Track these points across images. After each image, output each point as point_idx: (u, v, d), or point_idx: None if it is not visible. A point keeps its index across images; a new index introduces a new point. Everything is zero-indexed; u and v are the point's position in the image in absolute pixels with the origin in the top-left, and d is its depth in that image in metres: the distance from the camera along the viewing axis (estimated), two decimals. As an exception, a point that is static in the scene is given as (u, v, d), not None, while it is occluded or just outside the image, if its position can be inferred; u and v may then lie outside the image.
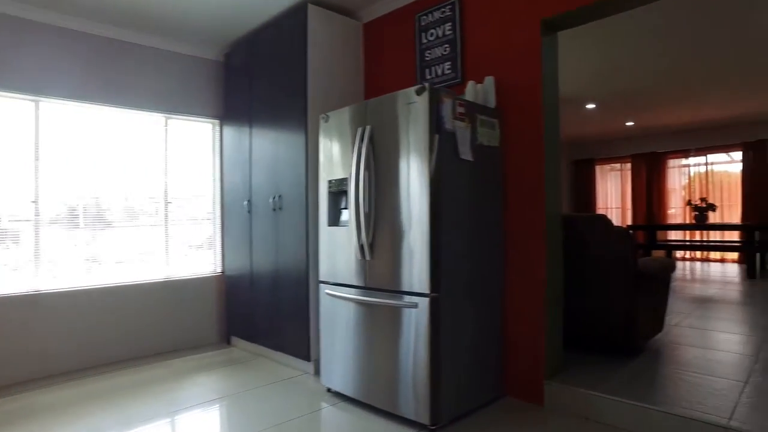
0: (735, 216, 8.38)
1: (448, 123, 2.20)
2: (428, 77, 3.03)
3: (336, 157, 2.69)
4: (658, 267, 2.99)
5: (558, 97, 2.78)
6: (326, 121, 2.76)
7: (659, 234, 8.68)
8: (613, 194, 9.86)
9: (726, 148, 8.42)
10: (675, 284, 6.21)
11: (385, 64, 3.38)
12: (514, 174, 2.66)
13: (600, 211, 9.95)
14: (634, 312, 2.83)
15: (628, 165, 9.53)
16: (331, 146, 2.73)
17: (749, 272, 6.44)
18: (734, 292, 5.43)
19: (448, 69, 2.92)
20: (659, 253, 7.77)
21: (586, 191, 10.01)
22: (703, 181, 8.71)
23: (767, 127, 8.06)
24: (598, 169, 9.98)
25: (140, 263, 3.73)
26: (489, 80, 2.57)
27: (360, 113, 2.53)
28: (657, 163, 9.08)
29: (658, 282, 3.13)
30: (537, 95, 2.55)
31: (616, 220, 9.72)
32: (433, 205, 2.16)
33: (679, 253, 8.98)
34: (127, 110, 3.63)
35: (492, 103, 2.56)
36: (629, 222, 9.48)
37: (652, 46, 4.73)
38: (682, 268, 7.81)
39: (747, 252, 6.47)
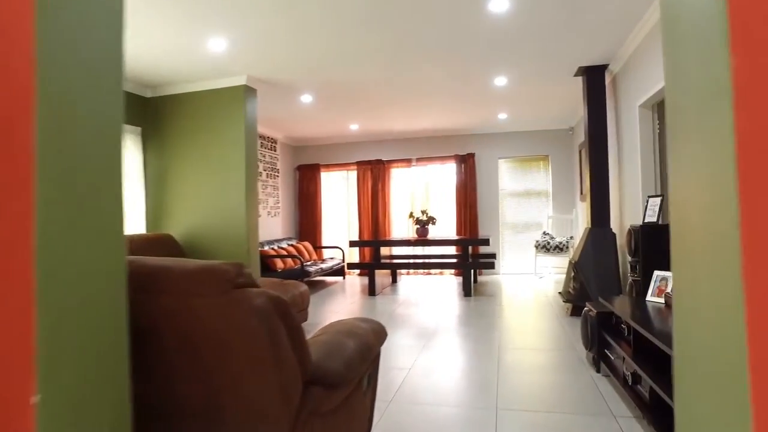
0: (451, 228, 8.36)
1: None
2: None
3: None
4: (353, 358, 1.55)
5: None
6: None
7: (386, 246, 8.10)
8: (341, 204, 9.00)
9: (442, 160, 8.35)
10: (398, 309, 5.34)
11: None
12: None
13: (326, 223, 8.97)
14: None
15: (355, 173, 8.79)
16: None
17: (465, 290, 6.07)
18: (453, 317, 4.76)
19: None
20: (383, 273, 7.04)
21: (311, 201, 8.91)
22: (424, 193, 8.49)
23: (476, 140, 8.25)
24: (324, 176, 8.99)
25: None
26: None
27: None
28: (381, 172, 8.54)
29: (358, 383, 1.71)
30: None
31: (346, 234, 8.87)
32: None
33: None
34: None
35: None
36: (355, 236, 8.72)
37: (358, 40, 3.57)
38: (406, 286, 7.25)
39: (463, 269, 6.09)
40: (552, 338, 3.92)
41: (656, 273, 2.86)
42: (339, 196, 9.03)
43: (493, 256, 7.19)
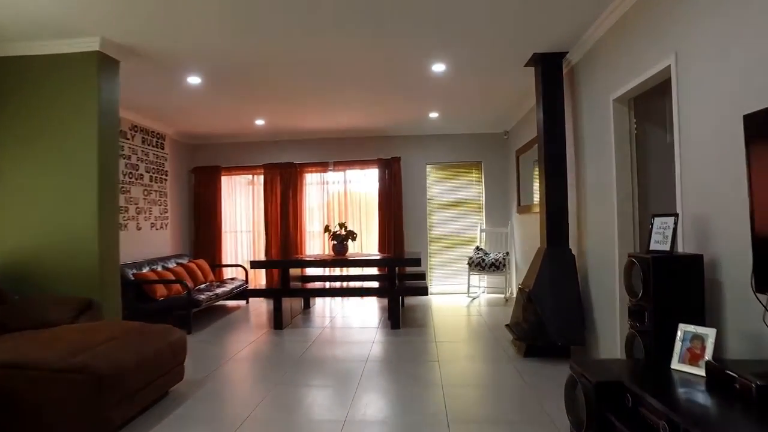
0: (374, 243, 7.31)
1: None
2: None
3: None
4: None
5: None
6: None
7: (296, 267, 6.86)
8: (245, 214, 7.64)
9: (363, 164, 7.31)
10: (310, 350, 4.18)
11: None
12: None
13: (228, 236, 7.55)
14: None
15: (262, 177, 7.48)
16: None
17: (393, 321, 5.03)
18: (381, 363, 3.68)
19: None
20: (291, 301, 5.82)
21: (209, 210, 7.46)
22: (342, 203, 7.38)
23: (402, 143, 7.31)
24: (225, 180, 7.58)
25: None
26: None
27: None
28: (293, 177, 7.32)
29: None
30: None
31: (251, 249, 7.52)
32: None
33: (320, 284, 7.40)
34: None
35: None
36: (263, 254, 7.40)
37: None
38: (322, 313, 6.10)
39: (390, 297, 5.06)
40: (513, 399, 2.97)
41: (682, 327, 1.98)
42: (244, 204, 7.66)
43: (422, 276, 6.24)
